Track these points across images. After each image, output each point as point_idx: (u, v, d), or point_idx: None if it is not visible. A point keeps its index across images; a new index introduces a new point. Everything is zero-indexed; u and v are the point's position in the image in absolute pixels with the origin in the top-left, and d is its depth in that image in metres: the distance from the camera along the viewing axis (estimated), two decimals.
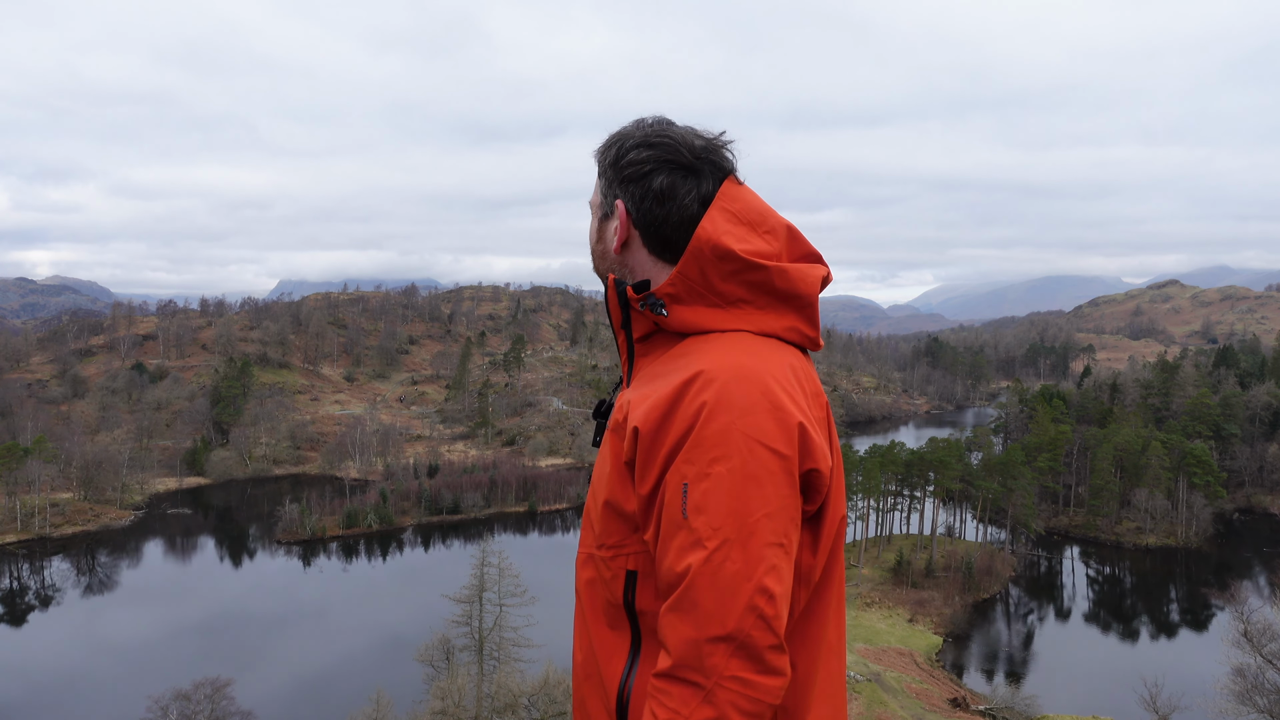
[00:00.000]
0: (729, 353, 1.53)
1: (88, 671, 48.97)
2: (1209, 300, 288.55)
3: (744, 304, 1.61)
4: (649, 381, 1.59)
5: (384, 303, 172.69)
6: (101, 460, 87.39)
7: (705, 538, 1.38)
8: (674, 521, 1.41)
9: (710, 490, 1.39)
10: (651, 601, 1.51)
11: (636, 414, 1.51)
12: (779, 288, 1.62)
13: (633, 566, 1.54)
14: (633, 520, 1.54)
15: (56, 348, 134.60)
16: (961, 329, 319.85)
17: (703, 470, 1.41)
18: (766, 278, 1.61)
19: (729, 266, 1.59)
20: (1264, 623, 36.05)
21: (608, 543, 1.57)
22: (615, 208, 1.69)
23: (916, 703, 42.65)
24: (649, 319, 1.65)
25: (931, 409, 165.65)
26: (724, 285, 1.60)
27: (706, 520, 1.38)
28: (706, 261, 1.59)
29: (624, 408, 1.58)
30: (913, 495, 75.01)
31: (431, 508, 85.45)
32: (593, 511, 1.63)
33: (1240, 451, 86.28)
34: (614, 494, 1.56)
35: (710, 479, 1.40)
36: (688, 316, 1.61)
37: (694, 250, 1.60)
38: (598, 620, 1.59)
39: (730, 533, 1.37)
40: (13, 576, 68.13)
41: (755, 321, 1.60)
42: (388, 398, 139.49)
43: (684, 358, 1.57)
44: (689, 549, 1.38)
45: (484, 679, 39.53)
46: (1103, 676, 48.82)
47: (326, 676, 48.15)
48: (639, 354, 1.69)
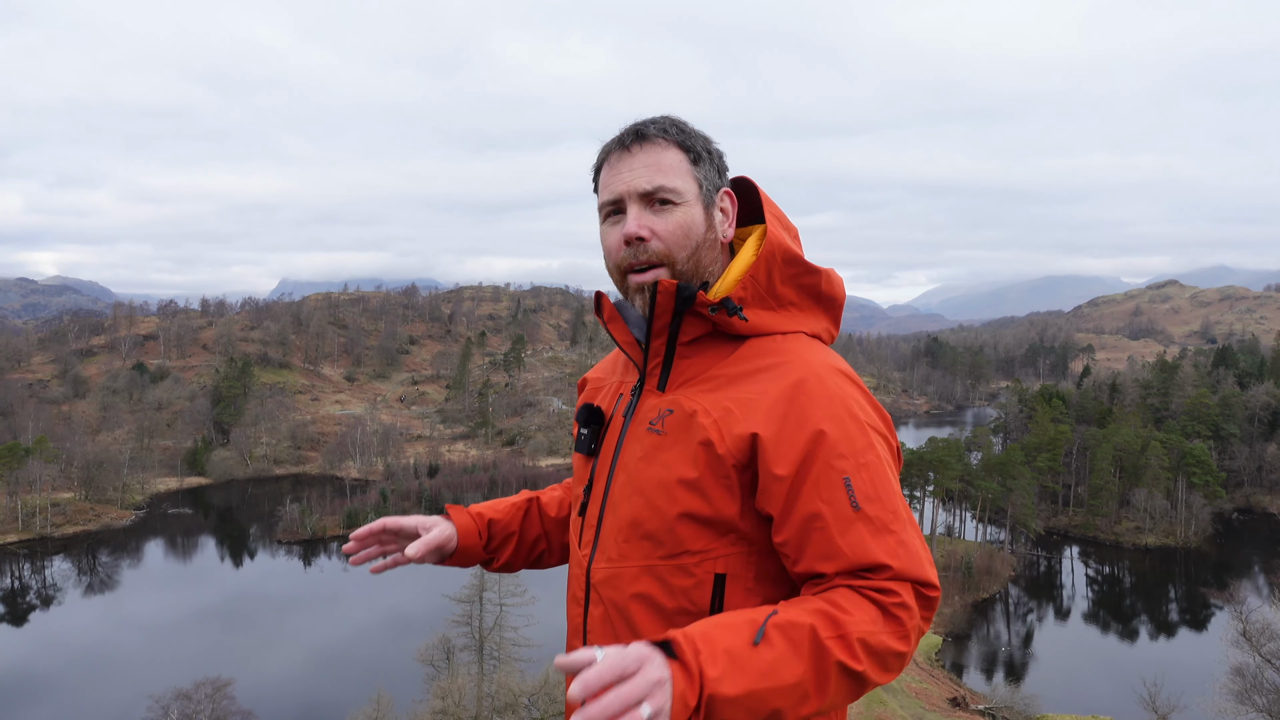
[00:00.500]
0: (812, 353, 1.55)
1: (88, 671, 49.05)
2: (1208, 300, 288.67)
3: (792, 306, 1.62)
4: (728, 384, 1.54)
5: (384, 303, 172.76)
6: (102, 460, 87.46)
7: (889, 522, 1.43)
8: (845, 516, 1.42)
9: (874, 479, 1.44)
10: (741, 602, 1.49)
11: (750, 420, 1.48)
12: (824, 291, 1.65)
13: (722, 570, 1.50)
14: (725, 524, 1.49)
15: (57, 348, 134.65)
16: (961, 329, 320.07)
17: (858, 462, 1.44)
18: (817, 281, 1.64)
19: (791, 270, 1.61)
20: (1263, 622, 36.12)
21: (691, 549, 1.50)
22: (725, 196, 1.65)
23: (916, 702, 42.73)
24: (708, 321, 1.58)
25: (931, 409, 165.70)
26: (782, 288, 1.61)
27: (883, 507, 1.43)
28: (775, 265, 1.60)
29: (709, 413, 1.51)
30: (912, 495, 75.06)
31: (432, 508, 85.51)
32: (652, 523, 1.53)
33: (1239, 451, 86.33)
34: (700, 503, 1.49)
35: (868, 468, 1.44)
36: (757, 319, 1.59)
37: (767, 254, 1.59)
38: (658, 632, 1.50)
39: (904, 512, 1.45)
40: (14, 576, 68.23)
41: (803, 322, 1.63)
42: (388, 398, 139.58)
43: (764, 358, 1.55)
44: (878, 535, 1.41)
45: (484, 679, 39.60)
46: (1102, 676, 48.89)
47: (326, 676, 48.23)
48: (681, 356, 1.61)
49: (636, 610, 1.54)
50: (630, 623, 1.54)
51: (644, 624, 1.52)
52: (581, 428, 1.74)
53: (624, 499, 1.58)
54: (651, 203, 1.56)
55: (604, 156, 1.63)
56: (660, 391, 1.61)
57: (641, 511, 1.54)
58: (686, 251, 1.57)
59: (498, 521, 1.99)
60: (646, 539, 1.53)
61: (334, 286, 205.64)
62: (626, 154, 1.59)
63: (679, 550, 1.51)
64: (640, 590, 1.53)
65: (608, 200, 1.60)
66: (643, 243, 1.56)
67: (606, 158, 1.63)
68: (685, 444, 1.52)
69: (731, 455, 1.48)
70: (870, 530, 1.41)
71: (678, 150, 1.58)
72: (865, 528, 1.42)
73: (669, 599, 1.51)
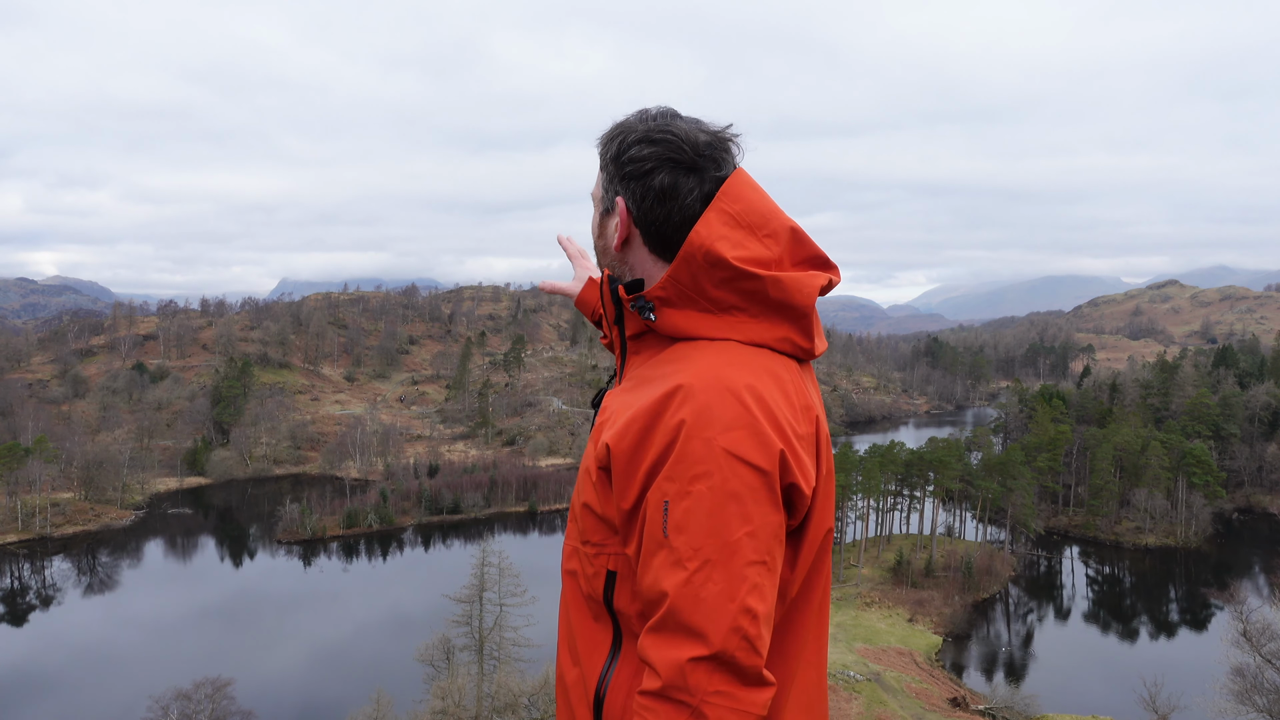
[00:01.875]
0: (713, 365, 1.47)
1: (88, 670, 49.02)
2: (1208, 300, 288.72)
3: (737, 311, 1.54)
4: (636, 387, 1.55)
5: (384, 303, 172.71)
6: (102, 460, 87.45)
7: (686, 558, 1.35)
8: (655, 540, 1.39)
9: (691, 509, 1.36)
10: (629, 603, 1.50)
11: (612, 429, 1.48)
12: (773, 297, 1.55)
13: (613, 567, 1.52)
14: (611, 524, 1.52)
15: (57, 348, 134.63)
16: (961, 329, 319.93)
17: (683, 488, 1.37)
18: (760, 287, 1.54)
19: (721, 274, 1.53)
20: (1263, 622, 36.12)
21: (591, 540, 1.56)
22: (616, 204, 1.63)
23: (916, 702, 42.70)
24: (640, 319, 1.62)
25: (931, 409, 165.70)
26: (716, 292, 1.53)
27: (687, 540, 1.35)
28: (698, 267, 1.53)
29: (605, 411, 1.57)
30: (913, 495, 75.06)
31: (432, 508, 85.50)
32: (576, 506, 1.62)
33: (1239, 451, 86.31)
34: (593, 496, 1.54)
35: (691, 497, 1.37)
36: (677, 321, 1.56)
37: (685, 255, 1.53)
38: (580, 610, 1.59)
39: (711, 552, 1.35)
40: (14, 576, 68.21)
41: (747, 330, 1.54)
42: (388, 398, 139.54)
43: (669, 364, 1.53)
44: (670, 569, 1.36)
45: (484, 679, 39.59)
46: (1102, 676, 48.87)
47: (327, 676, 48.22)
48: (631, 351, 1.66)
49: (568, 584, 1.63)
50: (565, 596, 1.65)
51: (572, 599, 1.62)
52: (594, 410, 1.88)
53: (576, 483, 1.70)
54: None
55: None
56: (619, 384, 1.67)
57: (574, 496, 1.65)
58: (597, 255, 1.74)
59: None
60: (574, 521, 1.62)
61: (334, 286, 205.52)
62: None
63: (586, 538, 1.57)
64: (570, 567, 1.63)
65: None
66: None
67: None
68: (596, 438, 1.57)
69: (599, 459, 1.51)
70: (668, 560, 1.36)
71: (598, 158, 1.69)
72: (665, 557, 1.37)
73: (584, 582, 1.58)
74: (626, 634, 1.52)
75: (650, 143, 1.58)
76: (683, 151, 1.57)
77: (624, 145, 1.61)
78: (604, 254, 1.72)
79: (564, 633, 1.63)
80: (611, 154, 1.63)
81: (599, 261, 1.75)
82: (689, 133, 1.58)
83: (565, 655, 1.62)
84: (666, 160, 1.57)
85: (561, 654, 1.64)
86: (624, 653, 1.52)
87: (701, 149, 1.58)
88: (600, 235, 1.71)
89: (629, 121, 1.64)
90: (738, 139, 1.63)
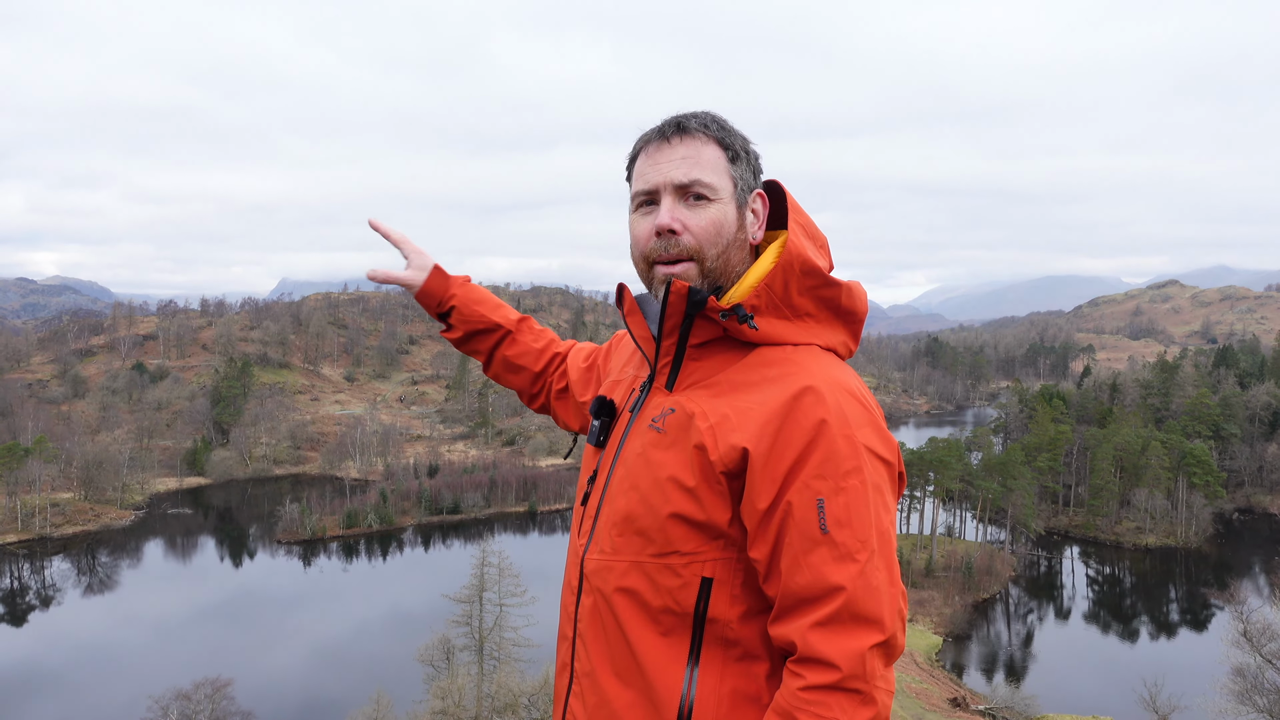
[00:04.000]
0: (822, 367, 1.50)
1: (87, 671, 49.00)
2: (1209, 300, 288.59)
3: (809, 318, 1.58)
4: (731, 391, 1.52)
5: (384, 303, 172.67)
6: (102, 460, 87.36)
7: (855, 550, 1.39)
8: (811, 538, 1.40)
9: (850, 504, 1.40)
10: (726, 609, 1.48)
11: (743, 431, 1.46)
12: (843, 305, 1.61)
13: (709, 574, 1.49)
14: (714, 530, 1.48)
15: (57, 348, 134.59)
16: (961, 329, 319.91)
17: (837, 484, 1.40)
18: (836, 294, 1.59)
19: (810, 282, 1.56)
20: (1263, 622, 36.09)
21: (680, 550, 1.49)
22: (759, 199, 1.61)
23: (916, 702, 42.68)
24: (719, 326, 1.55)
25: (931, 409, 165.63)
26: (799, 299, 1.56)
27: (852, 534, 1.39)
28: (793, 275, 1.55)
29: (707, 417, 1.50)
30: (912, 495, 75.03)
31: (431, 508, 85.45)
32: (645, 519, 1.52)
33: (1240, 451, 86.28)
34: (692, 506, 1.49)
35: (847, 492, 1.40)
36: (770, 328, 1.55)
37: (784, 263, 1.54)
38: (644, 629, 1.51)
39: (875, 543, 1.40)
40: (13, 576, 68.18)
41: (819, 335, 1.58)
42: (388, 398, 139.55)
43: (771, 368, 1.52)
44: (838, 563, 1.38)
45: (484, 679, 39.57)
46: (1103, 676, 48.83)
47: (326, 676, 48.18)
48: (690, 358, 1.59)
49: (622, 604, 1.53)
50: (616, 615, 1.54)
51: (628, 618, 1.53)
52: (594, 419, 1.76)
53: (621, 493, 1.59)
54: (686, 196, 1.54)
55: (641, 145, 1.61)
56: (667, 390, 1.60)
57: (636, 507, 1.54)
58: (717, 249, 1.55)
59: (461, 312, 2.15)
60: (638, 535, 1.53)
61: (334, 286, 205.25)
62: (665, 145, 1.56)
63: (668, 550, 1.50)
64: (628, 585, 1.53)
65: (642, 190, 1.58)
66: (674, 236, 1.54)
67: (644, 147, 1.60)
68: (682, 445, 1.51)
69: (722, 462, 1.47)
70: (833, 555, 1.39)
71: (716, 147, 1.56)
72: (828, 552, 1.39)
73: (655, 597, 1.51)
74: (710, 642, 1.49)
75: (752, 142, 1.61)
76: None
77: (748, 142, 1.60)
78: (740, 248, 1.60)
79: (605, 655, 1.56)
80: (748, 146, 1.60)
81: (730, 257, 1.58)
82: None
83: (610, 679, 1.54)
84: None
85: (603, 679, 1.55)
86: (703, 662, 1.48)
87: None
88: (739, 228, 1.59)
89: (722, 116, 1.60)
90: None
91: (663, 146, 1.57)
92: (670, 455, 1.52)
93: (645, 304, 1.68)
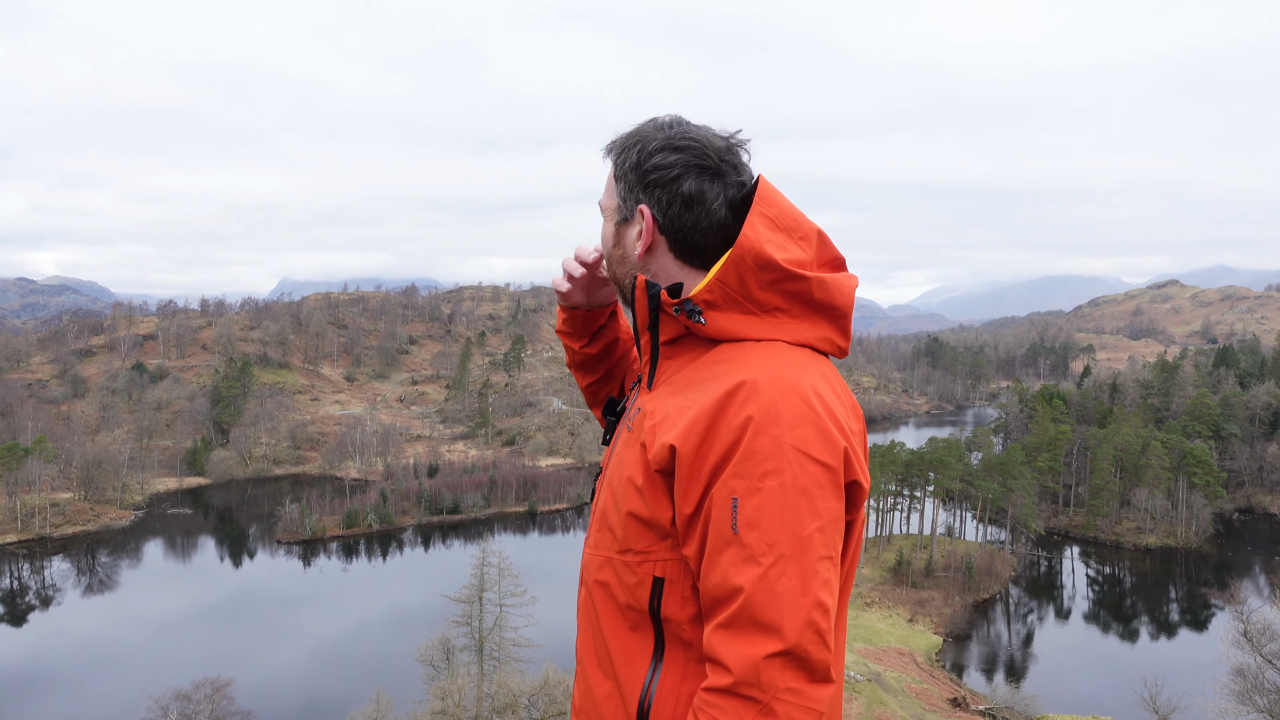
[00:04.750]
0: (770, 363, 1.48)
1: (87, 671, 49.00)
2: (1209, 300, 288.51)
3: (779, 313, 1.56)
4: (683, 389, 1.54)
5: (384, 303, 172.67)
6: (102, 460, 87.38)
7: (759, 554, 1.35)
8: (723, 537, 1.38)
9: (762, 505, 1.37)
10: (678, 609, 1.49)
11: (674, 430, 1.47)
12: (817, 298, 1.58)
13: (660, 574, 1.51)
14: (662, 529, 1.50)
15: (57, 348, 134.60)
16: (961, 329, 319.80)
17: (753, 485, 1.37)
18: (805, 288, 1.56)
19: (769, 276, 1.54)
20: (1264, 623, 36.10)
21: (634, 548, 1.53)
22: (639, 213, 1.63)
23: (916, 702, 42.66)
24: (681, 323, 1.59)
25: (931, 409, 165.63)
26: (762, 294, 1.55)
27: (760, 536, 1.36)
28: (747, 270, 1.54)
29: (653, 416, 1.53)
30: (913, 495, 75.01)
31: (431, 508, 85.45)
32: (612, 516, 1.57)
33: (1240, 451, 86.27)
34: (641, 504, 1.52)
35: (761, 493, 1.37)
36: (724, 324, 1.55)
37: (735, 258, 1.54)
38: (615, 622, 1.56)
39: (785, 548, 1.35)
40: (13, 576, 68.17)
41: (790, 331, 1.56)
42: (388, 398, 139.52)
43: (720, 365, 1.52)
44: (742, 565, 1.36)
45: (484, 679, 39.55)
46: (1103, 676, 48.83)
47: (326, 676, 48.17)
48: (664, 356, 1.63)
49: (600, 596, 1.59)
50: (595, 607, 1.60)
51: (604, 611, 1.58)
52: (606, 419, 1.88)
53: (602, 490, 1.67)
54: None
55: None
56: (649, 389, 1.64)
57: (608, 504, 1.60)
58: (611, 265, 1.73)
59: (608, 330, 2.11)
60: (608, 531, 1.58)
61: (334, 286, 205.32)
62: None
63: (627, 547, 1.54)
64: (603, 579, 1.58)
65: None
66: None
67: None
68: (635, 444, 1.55)
69: (656, 461, 1.48)
70: (740, 556, 1.36)
71: (612, 168, 1.69)
72: (736, 553, 1.36)
73: (621, 592, 1.55)
74: (671, 641, 1.51)
75: (674, 150, 1.59)
76: (707, 157, 1.58)
77: (644, 153, 1.61)
78: (621, 263, 1.70)
79: (590, 645, 1.62)
80: (631, 162, 1.63)
81: (614, 273, 1.74)
82: (709, 138, 1.60)
83: (594, 668, 1.60)
84: (692, 166, 1.58)
85: (589, 667, 1.61)
86: (667, 661, 1.50)
87: (722, 154, 1.59)
88: (617, 244, 1.70)
89: (644, 130, 1.63)
90: (747, 144, 1.64)
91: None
92: (630, 454, 1.57)
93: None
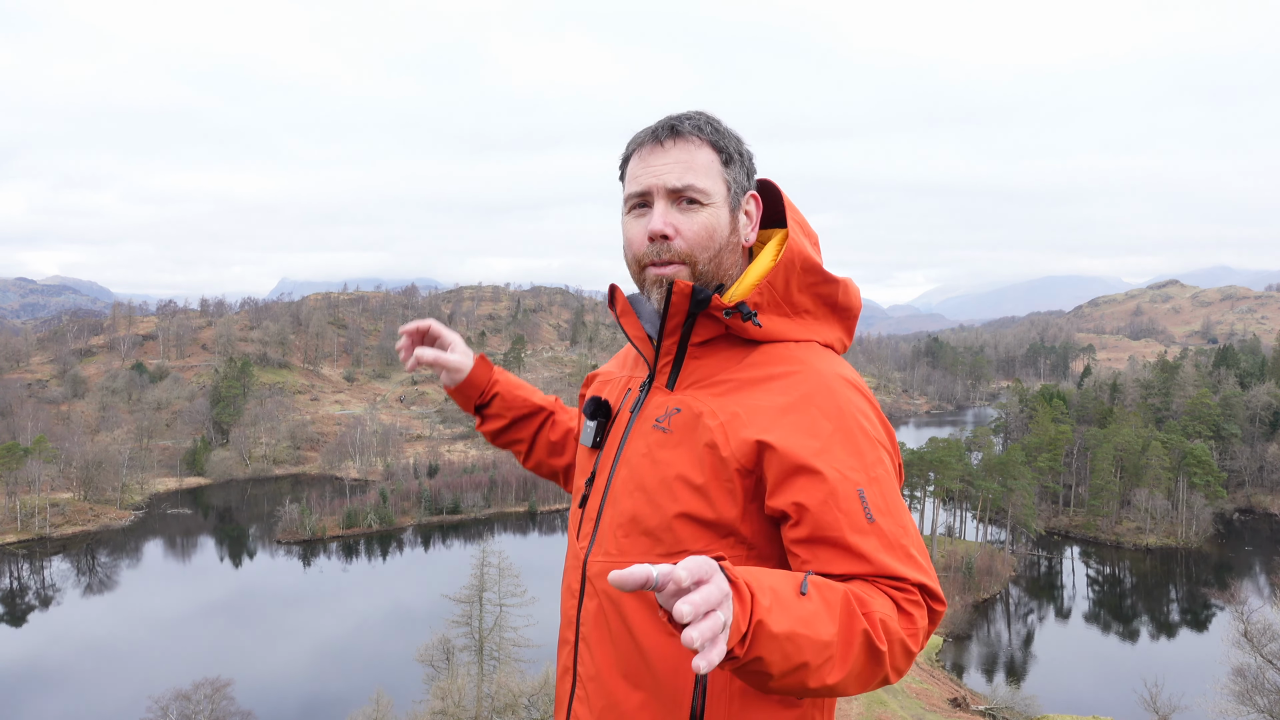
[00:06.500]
0: (827, 362, 1.53)
1: (87, 671, 48.96)
2: (1209, 300, 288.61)
3: (807, 314, 1.60)
4: (745, 388, 1.52)
5: (384, 303, 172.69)
6: (101, 460, 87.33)
7: (900, 536, 1.41)
8: (858, 528, 1.39)
9: (884, 493, 1.42)
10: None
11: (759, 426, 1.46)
12: (840, 301, 1.63)
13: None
14: (724, 527, 1.48)
15: (56, 348, 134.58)
16: (962, 329, 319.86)
17: (870, 476, 1.42)
18: (834, 291, 1.62)
19: (810, 279, 1.59)
20: (1264, 623, 36.06)
21: (689, 549, 1.48)
22: (752, 201, 1.61)
23: (916, 703, 42.64)
24: (721, 324, 1.55)
25: (931, 409, 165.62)
26: (799, 296, 1.58)
27: (894, 519, 1.41)
28: (794, 273, 1.57)
29: (716, 415, 1.50)
30: (913, 495, 74.98)
31: (431, 508, 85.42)
32: (651, 520, 1.52)
33: (1240, 451, 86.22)
34: (700, 504, 1.48)
35: (878, 482, 1.43)
36: (771, 326, 1.56)
37: (786, 261, 1.56)
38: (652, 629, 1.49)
39: (911, 527, 1.44)
40: (13, 577, 68.14)
41: (817, 331, 1.60)
42: (388, 398, 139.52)
43: (775, 366, 1.53)
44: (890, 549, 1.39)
45: (484, 679, 39.53)
46: (1103, 676, 48.81)
47: (326, 676, 48.15)
48: (692, 356, 1.59)
49: (632, 606, 1.51)
50: (624, 618, 1.52)
51: (637, 621, 1.51)
52: (588, 420, 1.74)
53: (625, 494, 1.57)
54: (679, 200, 1.53)
55: (634, 147, 1.59)
56: (669, 389, 1.59)
57: (642, 508, 1.53)
58: (709, 253, 1.54)
59: (505, 398, 2.14)
60: (646, 535, 1.52)
61: (334, 286, 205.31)
62: (659, 148, 1.54)
63: (677, 549, 1.49)
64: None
65: (635, 192, 1.56)
66: (666, 240, 1.52)
67: (637, 149, 1.58)
68: (691, 444, 1.50)
69: (736, 459, 1.46)
70: (883, 543, 1.40)
71: (710, 150, 1.54)
72: (878, 540, 1.40)
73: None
74: None
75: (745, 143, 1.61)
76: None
77: (741, 143, 1.59)
78: (722, 251, 1.57)
79: (613, 658, 1.54)
80: (741, 148, 1.59)
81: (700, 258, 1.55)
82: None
83: (618, 681, 1.53)
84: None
85: (610, 681, 1.54)
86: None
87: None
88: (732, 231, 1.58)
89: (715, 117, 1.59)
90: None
91: (655, 149, 1.54)
92: (677, 454, 1.51)
93: (638, 304, 1.66)
